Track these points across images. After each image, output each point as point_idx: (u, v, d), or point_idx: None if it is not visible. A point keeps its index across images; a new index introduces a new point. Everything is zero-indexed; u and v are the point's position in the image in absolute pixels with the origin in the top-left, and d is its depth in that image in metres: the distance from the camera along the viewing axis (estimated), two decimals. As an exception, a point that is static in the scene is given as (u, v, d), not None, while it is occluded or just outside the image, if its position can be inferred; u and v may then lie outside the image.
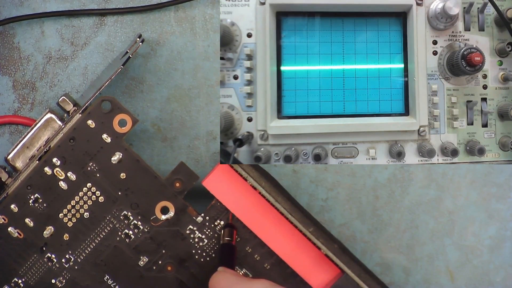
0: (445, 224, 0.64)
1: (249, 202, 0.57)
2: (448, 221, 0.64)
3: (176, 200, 0.57)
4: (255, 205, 0.57)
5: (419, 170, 0.64)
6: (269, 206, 0.56)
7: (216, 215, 0.57)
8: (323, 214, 0.64)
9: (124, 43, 0.61)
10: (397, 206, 0.64)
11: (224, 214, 0.57)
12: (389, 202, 0.64)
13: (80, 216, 0.57)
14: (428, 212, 0.64)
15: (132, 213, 0.57)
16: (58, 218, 0.57)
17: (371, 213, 0.64)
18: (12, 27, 0.61)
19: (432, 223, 0.64)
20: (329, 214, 0.64)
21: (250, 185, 0.55)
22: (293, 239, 0.57)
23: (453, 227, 0.64)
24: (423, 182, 0.64)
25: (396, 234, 0.64)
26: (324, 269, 0.57)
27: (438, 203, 0.64)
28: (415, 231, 0.64)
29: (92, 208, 0.57)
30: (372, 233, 0.64)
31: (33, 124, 0.58)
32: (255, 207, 0.57)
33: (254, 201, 0.57)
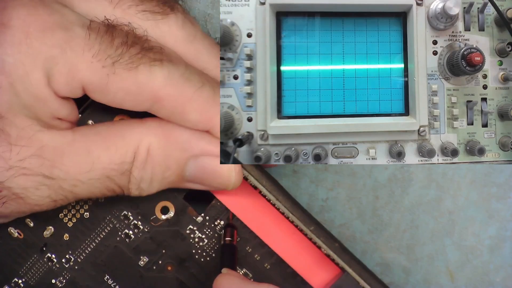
0: (445, 224, 0.64)
1: (249, 201, 0.57)
2: (448, 221, 0.64)
3: (176, 200, 0.57)
4: (256, 204, 0.56)
5: (419, 170, 0.64)
6: (269, 205, 0.56)
7: (216, 215, 0.57)
8: (323, 214, 0.64)
9: (124, 43, 0.61)
10: (397, 206, 0.64)
11: (224, 214, 0.57)
12: (389, 202, 0.64)
13: (80, 216, 0.57)
14: (428, 212, 0.64)
15: (132, 213, 0.57)
16: (58, 218, 0.56)
17: (371, 213, 0.64)
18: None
19: (432, 223, 0.64)
20: (329, 214, 0.64)
21: (250, 184, 0.55)
22: (293, 239, 0.57)
23: (453, 227, 0.64)
24: (423, 182, 0.64)
25: (396, 234, 0.64)
26: (324, 268, 0.57)
27: (438, 203, 0.64)
28: (415, 231, 0.64)
29: (92, 208, 0.57)
30: (372, 233, 0.64)
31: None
32: (255, 206, 0.56)
33: (254, 201, 0.56)
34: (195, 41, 0.53)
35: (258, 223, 0.57)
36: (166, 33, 0.52)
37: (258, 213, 0.57)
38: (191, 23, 0.53)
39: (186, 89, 0.50)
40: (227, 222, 0.57)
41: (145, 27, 0.51)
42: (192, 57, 0.53)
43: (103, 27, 0.49)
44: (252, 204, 0.57)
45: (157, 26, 0.52)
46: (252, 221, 0.57)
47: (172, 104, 0.50)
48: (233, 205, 0.57)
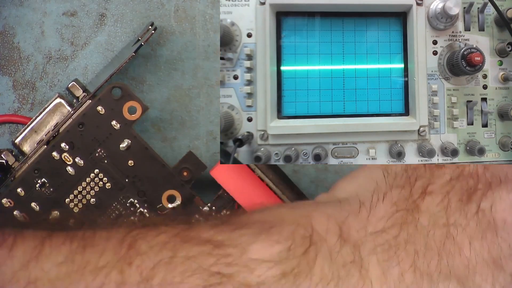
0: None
1: (256, 193, 0.57)
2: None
3: (183, 189, 0.57)
4: (262, 197, 0.56)
5: (419, 171, 0.63)
6: (276, 198, 0.56)
7: (222, 205, 0.58)
8: (323, 215, 0.63)
9: (124, 43, 0.61)
10: (397, 207, 0.63)
11: (230, 204, 0.57)
12: (389, 203, 0.63)
13: (87, 202, 0.57)
14: (428, 213, 0.63)
15: (139, 200, 0.57)
16: (64, 203, 0.57)
17: (371, 214, 0.63)
18: (12, 27, 0.61)
19: (432, 224, 0.64)
20: (329, 214, 0.63)
21: (257, 176, 0.55)
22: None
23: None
24: (423, 182, 0.63)
25: (396, 235, 0.64)
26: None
27: (438, 203, 0.64)
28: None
29: (99, 194, 0.57)
30: (372, 234, 0.63)
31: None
32: (261, 199, 0.56)
33: (261, 193, 0.57)
34: None
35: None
36: None
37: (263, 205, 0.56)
38: None
39: None
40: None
41: None
42: None
43: None
44: (259, 196, 0.57)
45: None
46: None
47: None
48: (240, 196, 0.57)
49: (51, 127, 0.58)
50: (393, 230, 0.48)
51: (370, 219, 0.48)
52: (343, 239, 0.47)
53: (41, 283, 0.45)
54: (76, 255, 0.45)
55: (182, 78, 0.62)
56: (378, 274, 0.46)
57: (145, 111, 0.57)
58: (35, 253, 0.46)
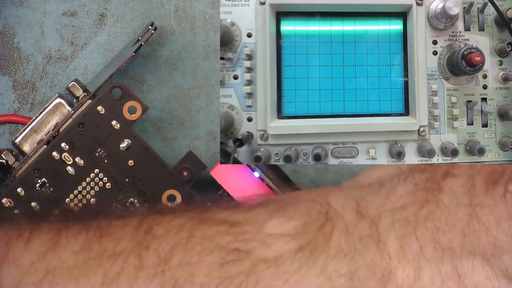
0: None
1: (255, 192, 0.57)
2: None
3: (183, 189, 0.57)
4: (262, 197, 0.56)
5: (419, 171, 0.63)
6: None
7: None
8: (323, 215, 0.63)
9: (124, 43, 0.61)
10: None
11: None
12: (389, 203, 0.63)
13: (87, 202, 0.57)
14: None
15: (139, 200, 0.57)
16: (64, 203, 0.57)
17: (371, 214, 0.63)
18: (12, 27, 0.61)
19: (432, 224, 0.64)
20: (329, 214, 0.63)
21: (257, 176, 0.55)
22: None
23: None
24: (423, 182, 0.63)
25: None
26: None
27: (438, 203, 0.64)
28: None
29: (99, 194, 0.57)
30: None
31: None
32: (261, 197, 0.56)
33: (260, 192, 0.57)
34: None
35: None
36: None
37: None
38: None
39: None
40: None
41: None
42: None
43: None
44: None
45: None
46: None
47: None
48: (239, 195, 0.57)
49: (51, 127, 0.58)
50: (413, 208, 0.48)
51: (389, 197, 0.48)
52: (360, 215, 0.47)
53: (59, 272, 0.45)
54: (92, 244, 0.46)
55: (182, 78, 0.62)
56: (396, 248, 0.46)
57: (145, 111, 0.57)
58: (52, 243, 0.46)
